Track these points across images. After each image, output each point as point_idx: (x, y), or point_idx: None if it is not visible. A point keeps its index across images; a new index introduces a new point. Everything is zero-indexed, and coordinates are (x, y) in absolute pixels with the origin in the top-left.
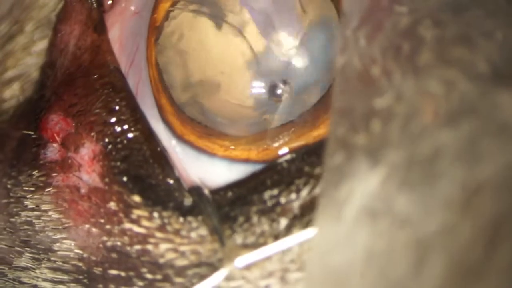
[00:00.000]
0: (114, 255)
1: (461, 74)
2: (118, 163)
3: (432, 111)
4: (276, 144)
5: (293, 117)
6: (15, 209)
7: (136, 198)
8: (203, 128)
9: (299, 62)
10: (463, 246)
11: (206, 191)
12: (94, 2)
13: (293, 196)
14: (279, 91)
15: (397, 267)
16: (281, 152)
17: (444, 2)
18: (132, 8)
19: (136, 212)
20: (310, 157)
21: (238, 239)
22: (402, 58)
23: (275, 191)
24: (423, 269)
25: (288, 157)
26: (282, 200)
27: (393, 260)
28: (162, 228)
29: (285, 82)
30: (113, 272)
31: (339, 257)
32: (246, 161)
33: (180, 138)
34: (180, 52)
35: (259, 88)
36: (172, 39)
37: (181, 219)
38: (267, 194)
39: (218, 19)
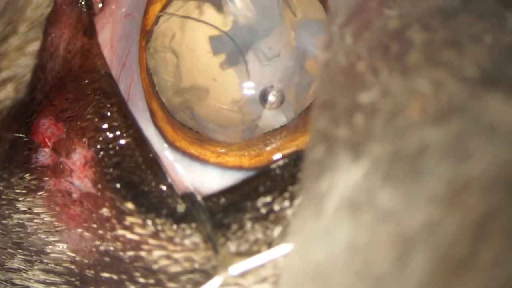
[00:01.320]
0: (106, 259)
1: (449, 76)
2: (111, 170)
3: (419, 108)
4: (268, 149)
5: (285, 123)
6: (7, 211)
7: (129, 205)
8: (194, 134)
9: (289, 67)
10: (449, 241)
11: (199, 198)
12: (83, 6)
13: (286, 203)
14: (270, 98)
15: (380, 261)
16: (273, 157)
17: (433, 7)
18: (123, 10)
19: (129, 219)
20: (303, 163)
21: (232, 247)
22: (390, 57)
23: (268, 198)
24: (407, 264)
25: (281, 163)
26: (276, 207)
27: (376, 255)
28: (155, 235)
29: (275, 88)
30: (105, 275)
31: (321, 251)
32: (238, 166)
33: (172, 144)
34: (171, 56)
35: (250, 94)
36: (163, 42)
37: (175, 226)
38: (260, 201)
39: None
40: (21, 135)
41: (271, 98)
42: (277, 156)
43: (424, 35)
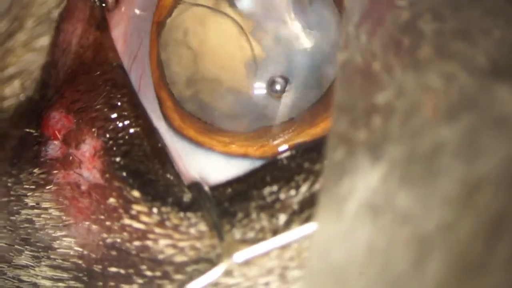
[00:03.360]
0: (113, 252)
1: (460, 67)
2: (119, 159)
3: (432, 106)
4: (275, 141)
5: (293, 115)
6: (15, 207)
7: (136, 193)
8: (202, 124)
9: (300, 59)
10: (464, 241)
11: (206, 187)
12: (96, 1)
13: (292, 192)
14: (278, 87)
15: (398, 263)
16: (280, 149)
17: None
18: (137, 5)
19: (136, 208)
20: (310, 153)
21: (237, 234)
22: (402, 53)
23: (274, 187)
24: (424, 264)
25: (287, 153)
26: (282, 196)
27: (394, 256)
28: (161, 223)
29: (285, 79)
30: (113, 269)
31: (340, 253)
32: (244, 156)
33: (179, 133)
34: (184, 48)
35: (259, 83)
36: (176, 35)
37: (180, 215)
38: (266, 190)
39: (219, 13)
40: (31, 130)
41: (279, 88)
42: (284, 147)
43: (435, 25)
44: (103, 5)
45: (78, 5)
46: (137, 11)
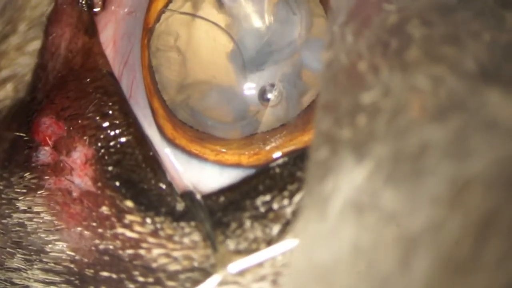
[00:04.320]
0: (106, 258)
1: (449, 71)
2: (111, 168)
3: (419, 106)
4: (267, 148)
5: (284, 121)
6: (6, 211)
7: (129, 203)
8: (194, 132)
9: (290, 67)
10: (452, 241)
11: (199, 196)
12: (84, 5)
13: (285, 201)
14: (269, 96)
15: (384, 262)
16: (272, 156)
17: (432, 2)
18: (126, 8)
19: (129, 217)
20: (302, 162)
21: (231, 245)
22: (389, 54)
23: (267, 197)
24: (411, 264)
25: (280, 161)
26: (275, 205)
27: (380, 256)
28: (154, 233)
29: (275, 87)
30: (105, 274)
31: (325, 252)
32: (237, 165)
33: (171, 142)
34: (175, 55)
35: (250, 91)
36: (166, 40)
37: (174, 225)
38: (259, 200)
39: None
40: (21, 134)
41: (270, 96)
42: (276, 154)
43: (423, 30)
44: (92, 9)
45: (66, 9)
46: (124, 17)
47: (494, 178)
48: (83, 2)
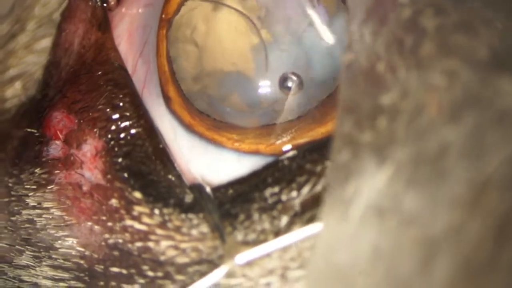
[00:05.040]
0: (115, 253)
1: (462, 62)
2: (120, 160)
3: (436, 104)
4: (284, 139)
5: (302, 113)
6: (16, 208)
7: (137, 195)
8: (212, 121)
9: (311, 56)
10: (471, 243)
11: (208, 188)
12: (98, 1)
13: (294, 193)
14: (289, 84)
15: (405, 265)
16: (289, 146)
17: None
18: (140, 3)
19: (137, 209)
20: (312, 155)
21: (239, 236)
22: (405, 52)
23: (276, 189)
24: (431, 268)
25: (290, 154)
26: (283, 197)
27: (401, 259)
28: (163, 225)
29: (296, 75)
30: (115, 269)
31: (344, 255)
32: (255, 153)
33: (189, 128)
34: (193, 44)
35: (270, 79)
36: (185, 32)
37: (182, 216)
38: (268, 192)
39: (226, 6)
40: (32, 130)
41: (291, 85)
42: (292, 145)
43: (436, 20)
44: (105, 5)
45: (79, 5)
46: (140, 10)
47: (508, 178)
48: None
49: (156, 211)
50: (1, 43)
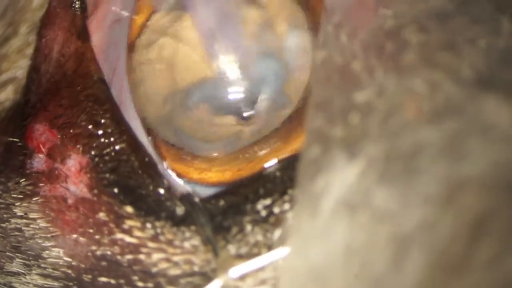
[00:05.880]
0: (104, 263)
1: (446, 77)
2: (107, 175)
3: (415, 108)
4: (251, 164)
5: (267, 133)
6: (5, 215)
7: (128, 209)
8: (177, 151)
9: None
10: (444, 242)
11: (197, 200)
12: (77, 9)
13: (286, 206)
14: (246, 114)
15: (378, 261)
16: (267, 164)
17: (429, 9)
18: (111, 16)
19: (128, 223)
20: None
21: (232, 249)
22: (385, 56)
23: (268, 201)
24: (404, 264)
25: (278, 166)
26: (276, 209)
27: (374, 255)
28: (154, 238)
29: (252, 102)
30: (103, 279)
31: (318, 251)
32: (221, 184)
33: (161, 158)
34: (159, 65)
35: (230, 112)
36: (148, 53)
37: (174, 229)
38: (260, 204)
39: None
40: (15, 139)
41: (246, 114)
42: (272, 161)
43: (420, 36)
44: (85, 13)
45: (59, 13)
46: (112, 22)
47: (489, 181)
48: (77, 6)
49: (148, 225)
50: None
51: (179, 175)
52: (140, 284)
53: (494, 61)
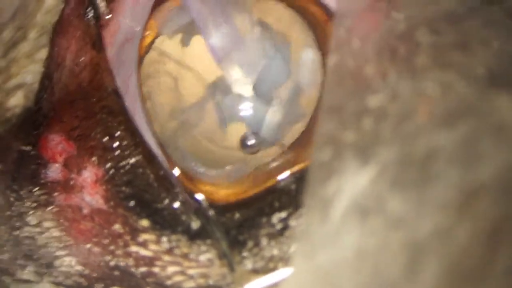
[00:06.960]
0: (117, 273)
1: (458, 77)
2: (123, 188)
3: (427, 111)
4: (274, 167)
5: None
6: (17, 223)
7: (144, 222)
8: (185, 173)
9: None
10: (460, 248)
11: (212, 213)
12: (91, 19)
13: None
14: (250, 142)
15: (390, 268)
16: (281, 176)
17: (441, 12)
18: (123, 35)
19: (144, 236)
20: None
21: (248, 264)
22: (398, 60)
23: (283, 214)
24: (418, 270)
25: (292, 178)
26: (291, 223)
27: (386, 261)
28: (170, 251)
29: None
30: None
31: (327, 255)
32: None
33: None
34: (166, 79)
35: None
36: (156, 71)
37: (190, 243)
38: (275, 217)
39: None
40: (28, 148)
41: (251, 142)
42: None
43: (432, 38)
44: (99, 23)
45: (72, 21)
46: (124, 39)
47: (504, 184)
48: (90, 15)
49: (164, 239)
50: (3, 51)
51: (189, 193)
52: None
53: (506, 61)
